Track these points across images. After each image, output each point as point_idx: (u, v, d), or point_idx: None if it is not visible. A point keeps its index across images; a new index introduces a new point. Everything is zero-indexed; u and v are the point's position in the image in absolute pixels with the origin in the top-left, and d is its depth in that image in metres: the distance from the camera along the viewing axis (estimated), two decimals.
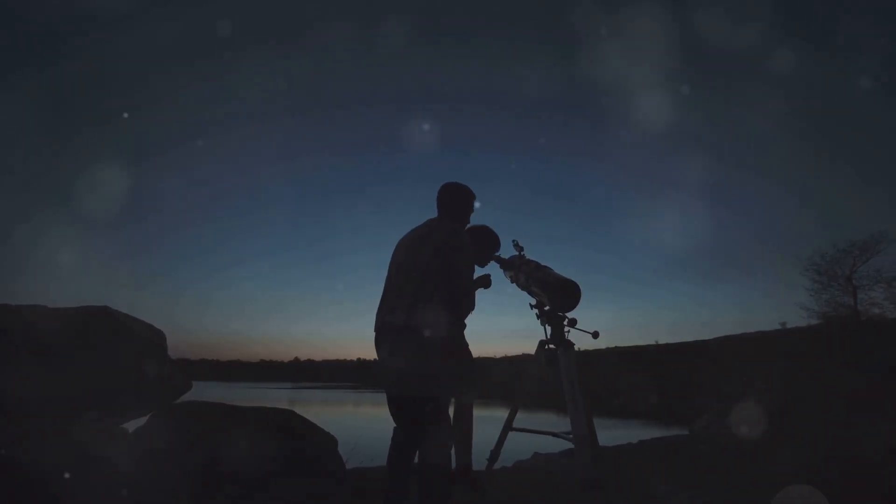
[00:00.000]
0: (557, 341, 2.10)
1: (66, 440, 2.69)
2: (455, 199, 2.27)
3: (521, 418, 2.58)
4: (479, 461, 2.36)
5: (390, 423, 2.01)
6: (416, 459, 1.93)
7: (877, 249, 15.67)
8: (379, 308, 1.98)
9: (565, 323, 2.09)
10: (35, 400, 2.79)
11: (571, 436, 1.97)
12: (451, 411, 2.01)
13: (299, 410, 3.39)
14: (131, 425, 3.16)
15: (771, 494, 2.56)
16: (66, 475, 2.52)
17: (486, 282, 2.22)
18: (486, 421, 2.89)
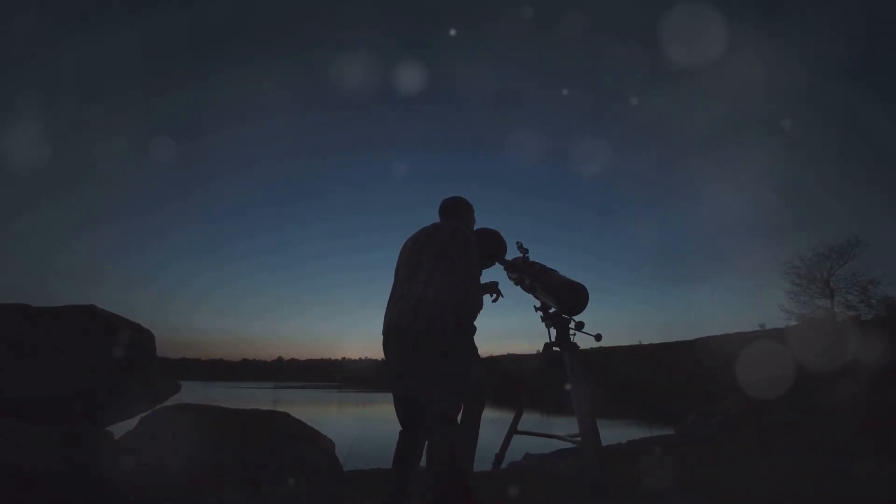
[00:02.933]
0: (563, 344, 2.10)
1: (51, 445, 2.58)
2: (458, 206, 2.26)
3: (508, 419, 2.57)
4: (483, 463, 2.34)
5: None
6: (420, 463, 1.91)
7: (853, 254, 16.23)
8: (387, 310, 1.95)
9: (572, 326, 2.09)
10: (18, 403, 2.68)
11: (578, 438, 1.97)
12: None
13: (287, 412, 3.33)
14: (119, 428, 3.06)
15: (763, 493, 2.61)
16: (52, 481, 2.43)
17: (492, 288, 2.20)
18: (485, 422, 2.88)
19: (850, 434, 4.45)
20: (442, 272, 1.88)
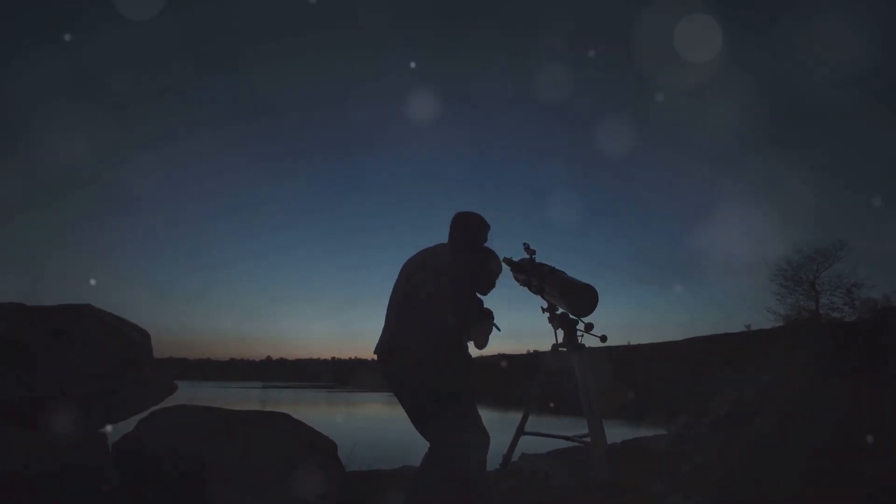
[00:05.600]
0: (571, 345, 2.11)
1: (47, 448, 2.53)
2: (467, 223, 2.21)
3: (501, 419, 2.57)
4: (490, 465, 2.34)
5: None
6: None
7: (837, 256, 16.59)
8: (384, 328, 1.97)
9: (580, 327, 2.10)
10: (12, 405, 2.62)
11: (586, 439, 1.99)
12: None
13: (288, 413, 3.30)
14: (117, 430, 3.00)
15: (763, 494, 2.65)
16: (49, 485, 2.37)
17: (487, 324, 2.12)
18: (492, 423, 2.88)
19: (844, 433, 4.54)
20: (441, 290, 1.89)
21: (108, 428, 3.27)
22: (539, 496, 3.09)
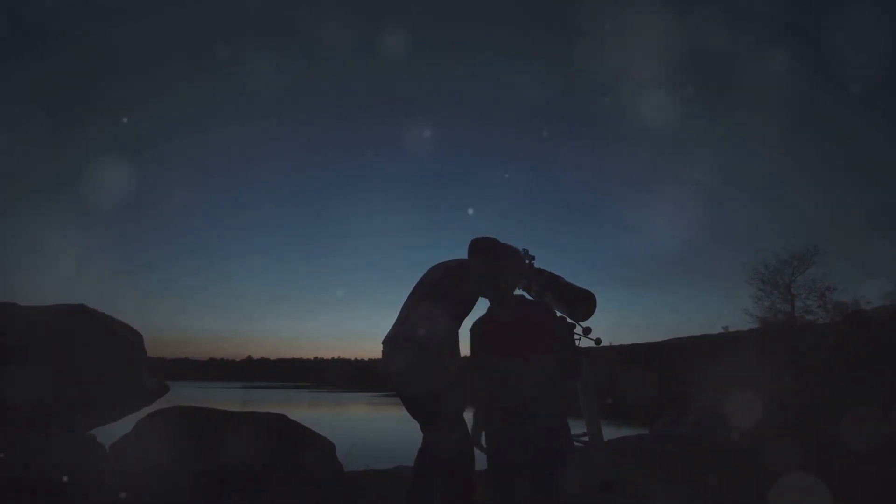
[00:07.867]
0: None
1: (42, 450, 2.50)
2: (475, 246, 2.26)
3: None
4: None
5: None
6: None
7: (811, 261, 17.16)
8: (395, 323, 2.04)
9: (578, 331, 2.16)
10: (5, 405, 2.58)
11: (584, 438, 2.06)
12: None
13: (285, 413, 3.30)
14: (113, 430, 2.97)
15: (758, 493, 2.74)
16: (45, 487, 2.35)
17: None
18: None
19: (823, 432, 4.73)
20: (466, 299, 1.99)
21: (105, 428, 3.23)
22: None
